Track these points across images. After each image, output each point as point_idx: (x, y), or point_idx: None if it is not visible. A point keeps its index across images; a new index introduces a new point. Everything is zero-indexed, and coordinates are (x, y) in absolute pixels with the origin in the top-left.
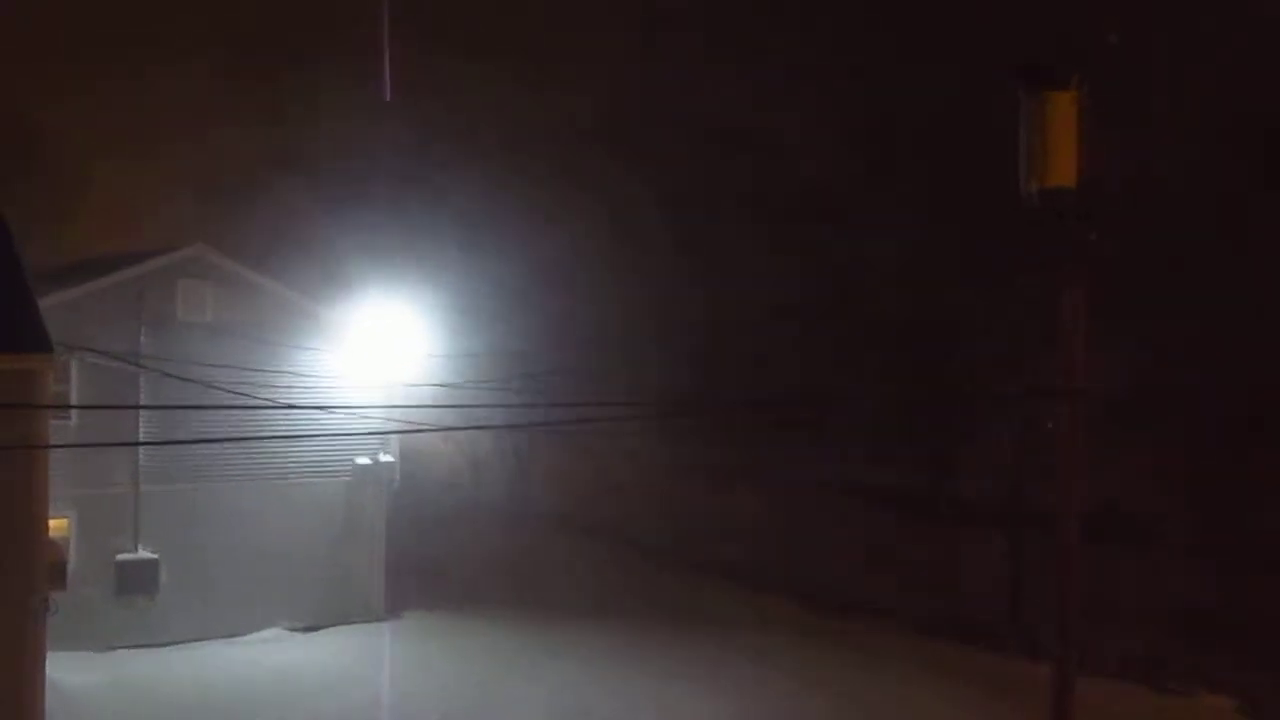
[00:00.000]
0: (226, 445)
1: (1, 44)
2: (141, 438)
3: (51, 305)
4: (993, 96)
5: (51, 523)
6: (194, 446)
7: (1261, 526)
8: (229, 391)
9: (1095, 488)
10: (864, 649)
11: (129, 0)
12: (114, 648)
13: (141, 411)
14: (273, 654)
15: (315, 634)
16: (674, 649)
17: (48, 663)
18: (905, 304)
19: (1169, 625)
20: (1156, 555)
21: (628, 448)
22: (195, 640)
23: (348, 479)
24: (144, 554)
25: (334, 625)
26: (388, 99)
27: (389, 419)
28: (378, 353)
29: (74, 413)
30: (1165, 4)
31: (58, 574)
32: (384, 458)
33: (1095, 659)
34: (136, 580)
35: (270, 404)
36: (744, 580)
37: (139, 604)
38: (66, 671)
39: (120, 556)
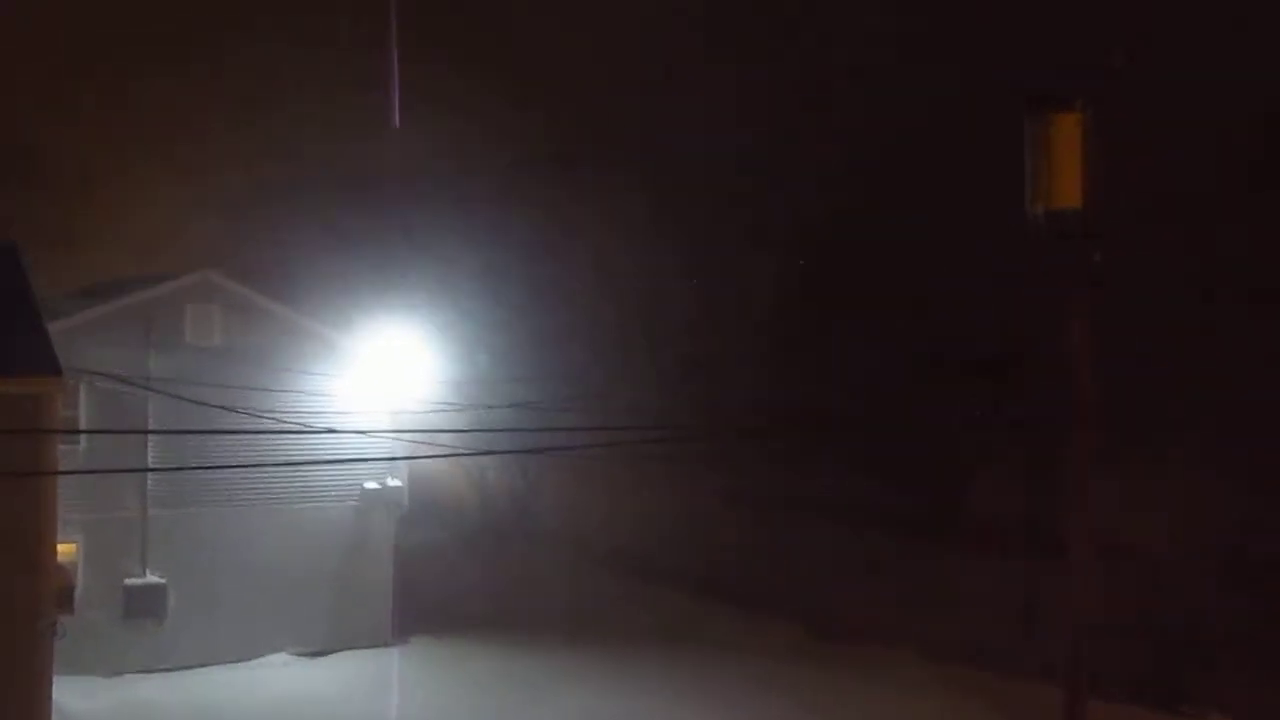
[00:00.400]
0: (235, 469)
1: (4, 55)
2: (150, 462)
3: (60, 329)
4: (998, 113)
5: (59, 547)
6: (203, 470)
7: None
8: (242, 412)
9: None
10: (869, 670)
11: (133, 23)
12: (121, 672)
13: (150, 435)
14: (280, 679)
15: (322, 659)
16: (680, 672)
17: (54, 687)
18: (911, 321)
19: (1178, 643)
20: (1161, 570)
21: (633, 470)
22: (202, 665)
23: (356, 503)
24: (152, 578)
25: (341, 650)
26: (396, 125)
27: (399, 438)
28: (387, 377)
29: (82, 437)
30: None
31: (65, 598)
32: (392, 482)
33: (1106, 680)
34: (144, 604)
35: (279, 429)
36: (748, 602)
37: (146, 628)
38: (73, 696)
39: (128, 581)
